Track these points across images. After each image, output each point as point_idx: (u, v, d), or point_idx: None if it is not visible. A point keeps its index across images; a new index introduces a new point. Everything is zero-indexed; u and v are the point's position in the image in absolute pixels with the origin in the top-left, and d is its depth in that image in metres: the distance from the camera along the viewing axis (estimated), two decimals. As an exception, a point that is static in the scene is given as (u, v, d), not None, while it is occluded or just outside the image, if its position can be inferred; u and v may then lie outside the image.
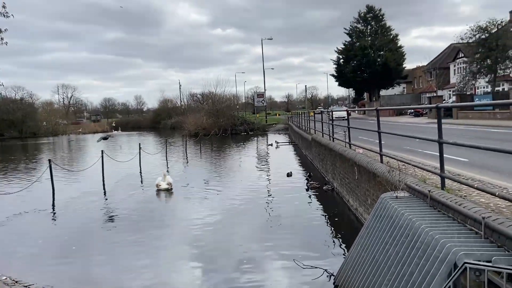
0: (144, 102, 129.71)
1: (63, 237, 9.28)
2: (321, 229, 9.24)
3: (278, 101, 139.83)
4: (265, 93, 69.42)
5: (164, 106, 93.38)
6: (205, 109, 55.63)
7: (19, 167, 24.47)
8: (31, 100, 78.96)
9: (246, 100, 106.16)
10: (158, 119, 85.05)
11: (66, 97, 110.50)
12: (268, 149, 29.71)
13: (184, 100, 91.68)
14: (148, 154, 23.39)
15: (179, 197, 13.70)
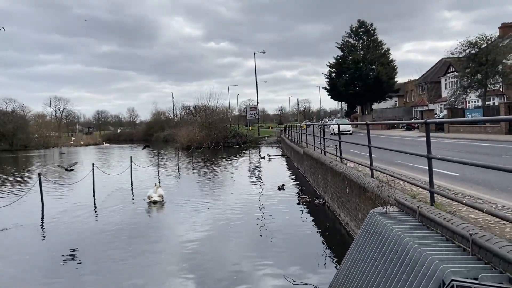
0: (137, 115, 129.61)
1: (51, 252, 9.10)
2: (312, 244, 9.18)
3: (271, 114, 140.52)
4: (258, 106, 69.65)
5: (157, 118, 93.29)
6: (198, 122, 55.62)
7: (7, 181, 24.11)
8: (23, 113, 78.50)
9: (239, 112, 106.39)
10: (151, 132, 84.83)
11: (59, 110, 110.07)
12: (261, 162, 29.67)
13: (177, 113, 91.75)
14: (139, 167, 23.23)
15: (171, 210, 13.58)
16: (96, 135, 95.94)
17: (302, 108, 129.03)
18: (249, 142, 52.09)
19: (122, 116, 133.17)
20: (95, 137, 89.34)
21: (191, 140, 48.79)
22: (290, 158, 29.01)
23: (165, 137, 71.81)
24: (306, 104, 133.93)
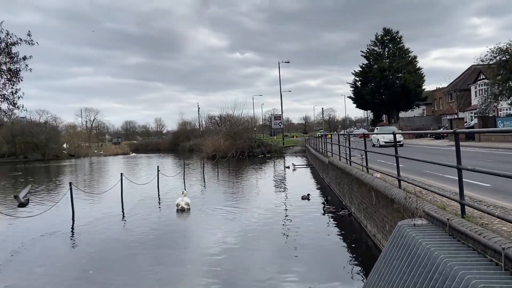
0: (163, 125, 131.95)
1: (81, 261, 9.33)
2: (338, 255, 9.07)
3: (295, 123, 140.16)
4: (283, 115, 69.66)
5: (183, 128, 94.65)
6: (223, 131, 56.10)
7: (41, 190, 24.98)
8: (55, 123, 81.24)
9: (264, 122, 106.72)
10: (177, 142, 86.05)
11: (89, 120, 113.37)
12: (285, 171, 29.59)
13: (202, 123, 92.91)
14: (166, 177, 23.60)
15: (196, 219, 13.76)
16: (124, 145, 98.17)
17: (327, 117, 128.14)
18: (274, 152, 52.08)
19: (149, 126, 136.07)
20: (124, 147, 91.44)
21: (216, 149, 49.23)
22: (315, 167, 28.81)
23: (191, 147, 72.71)
24: (331, 113, 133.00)
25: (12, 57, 13.95)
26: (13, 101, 14.01)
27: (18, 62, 14.08)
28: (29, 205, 16.31)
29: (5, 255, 9.85)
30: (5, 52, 13.71)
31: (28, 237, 11.56)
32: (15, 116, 20.14)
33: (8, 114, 15.69)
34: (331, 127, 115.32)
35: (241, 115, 59.31)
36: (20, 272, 8.69)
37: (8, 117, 17.44)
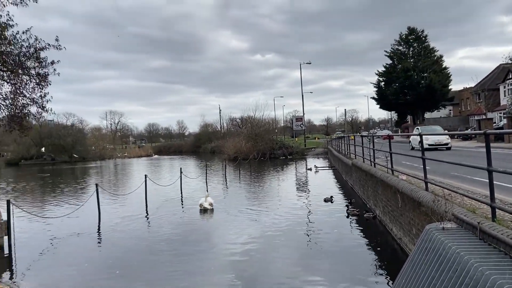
0: (185, 127, 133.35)
1: (108, 260, 9.51)
2: (362, 259, 8.93)
3: (317, 125, 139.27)
4: (304, 117, 69.35)
5: (204, 130, 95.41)
6: (244, 133, 56.25)
7: (68, 191, 25.66)
8: (81, 126, 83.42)
9: (285, 124, 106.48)
10: (199, 143, 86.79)
11: (114, 123, 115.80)
12: (307, 173, 29.42)
13: (223, 125, 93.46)
14: (188, 178, 23.83)
15: (219, 220, 13.85)
16: (147, 147, 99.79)
17: (349, 118, 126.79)
18: (295, 153, 51.85)
19: (172, 128, 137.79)
20: (147, 149, 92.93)
21: (237, 151, 49.41)
22: (337, 169, 28.52)
23: (213, 149, 73.21)
24: (353, 114, 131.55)
25: (41, 62, 14.28)
26: (42, 105, 14.37)
27: (46, 66, 14.41)
28: (58, 206, 16.73)
29: (35, 254, 10.13)
30: (34, 57, 14.05)
31: (56, 237, 11.88)
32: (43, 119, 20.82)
33: (37, 117, 16.14)
34: (353, 128, 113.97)
35: (262, 116, 59.41)
36: (49, 271, 8.94)
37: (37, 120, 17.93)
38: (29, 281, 8.12)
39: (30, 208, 17.04)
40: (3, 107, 14.47)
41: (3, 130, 15.81)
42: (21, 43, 13.62)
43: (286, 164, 40.83)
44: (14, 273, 8.85)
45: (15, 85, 14.16)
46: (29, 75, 14.09)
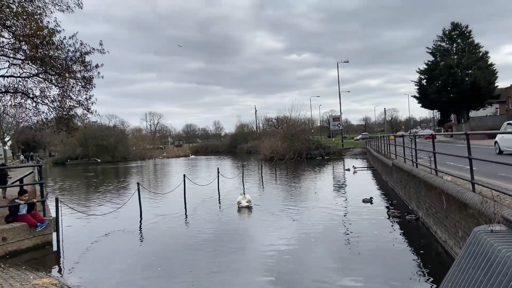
0: (222, 127, 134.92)
1: (151, 258, 9.74)
2: (404, 262, 8.65)
3: (354, 124, 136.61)
4: (341, 117, 68.30)
5: (240, 131, 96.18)
6: (280, 134, 56.15)
7: (112, 189, 26.64)
8: (123, 127, 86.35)
9: (321, 123, 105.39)
10: (235, 144, 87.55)
11: (153, 124, 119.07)
12: (345, 174, 28.94)
13: (259, 125, 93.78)
14: (226, 178, 24.07)
15: (257, 220, 13.93)
16: (185, 147, 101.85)
17: (389, 117, 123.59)
18: (333, 154, 51.17)
19: (208, 129, 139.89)
20: (185, 149, 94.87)
21: (273, 151, 49.40)
22: (377, 170, 27.86)
23: (249, 149, 73.61)
24: (393, 114, 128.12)
25: (86, 66, 14.94)
26: (87, 107, 15.05)
27: (91, 70, 15.06)
28: (102, 204, 17.39)
29: (81, 250, 10.57)
30: (79, 61, 14.71)
31: (101, 234, 12.33)
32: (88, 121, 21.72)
33: (83, 118, 16.90)
34: (393, 128, 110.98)
35: (298, 116, 59.11)
36: (95, 266, 9.29)
37: (82, 121, 18.72)
38: (76, 276, 8.46)
39: (75, 205, 17.81)
40: (51, 109, 15.26)
41: (51, 131, 16.66)
42: (67, 48, 14.33)
43: (323, 164, 40.38)
44: (62, 268, 9.26)
45: (62, 88, 14.90)
46: (75, 79, 14.78)
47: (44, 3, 14.15)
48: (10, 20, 13.02)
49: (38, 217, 10.75)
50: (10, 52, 14.10)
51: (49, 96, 14.98)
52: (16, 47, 13.78)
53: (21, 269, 8.54)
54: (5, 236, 9.75)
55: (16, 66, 14.38)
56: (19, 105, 15.57)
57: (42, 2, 14.15)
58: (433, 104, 59.96)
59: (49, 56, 13.61)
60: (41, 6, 14.06)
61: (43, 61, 13.57)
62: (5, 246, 9.71)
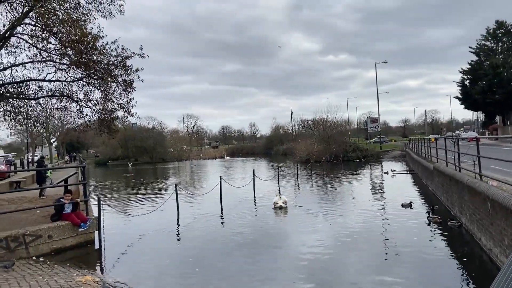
0: (257, 129, 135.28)
1: (188, 259, 9.90)
2: (446, 270, 8.32)
3: (393, 126, 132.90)
4: (379, 118, 66.74)
5: (276, 132, 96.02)
6: (316, 135, 55.61)
7: (151, 189, 27.37)
8: (161, 129, 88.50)
9: (358, 125, 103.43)
10: (271, 145, 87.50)
11: (190, 126, 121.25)
12: (383, 177, 28.23)
13: (295, 127, 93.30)
14: (261, 180, 24.10)
15: (292, 222, 13.91)
16: (221, 149, 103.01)
17: (429, 119, 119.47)
18: (370, 156, 50.11)
19: (244, 131, 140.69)
20: (221, 151, 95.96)
21: (309, 153, 48.99)
22: (417, 173, 26.98)
23: (284, 151, 73.38)
24: (433, 115, 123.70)
25: (127, 70, 15.41)
26: (128, 109, 15.54)
27: (131, 74, 15.52)
28: (141, 204, 17.88)
29: (120, 250, 10.89)
30: (121, 65, 15.20)
31: (140, 233, 12.67)
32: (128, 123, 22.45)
33: (123, 121, 17.47)
34: (434, 130, 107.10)
35: (335, 118, 58.34)
36: (135, 265, 9.55)
37: (122, 123, 19.32)
38: (117, 274, 8.74)
39: (116, 205, 18.42)
40: (94, 111, 15.87)
41: (94, 132, 17.32)
42: (110, 52, 14.84)
43: (360, 167, 39.61)
44: (103, 266, 9.59)
45: (104, 92, 15.46)
46: (116, 82, 15.28)
47: (88, 10, 14.77)
48: (57, 27, 13.67)
49: (81, 216, 11.20)
50: (57, 58, 14.80)
51: (92, 99, 15.59)
52: (62, 52, 14.45)
53: (65, 266, 8.93)
54: (50, 234, 10.22)
55: (62, 71, 15.09)
56: (65, 108, 16.31)
57: (86, 9, 14.77)
58: (477, 105, 57.43)
59: (92, 61, 14.15)
60: (85, 13, 14.67)
61: (87, 66, 14.14)
62: (50, 243, 10.18)
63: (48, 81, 15.07)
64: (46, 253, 9.89)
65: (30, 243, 9.69)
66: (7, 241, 9.29)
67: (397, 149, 55.65)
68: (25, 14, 13.81)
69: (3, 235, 9.34)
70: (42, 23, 13.73)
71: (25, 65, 15.04)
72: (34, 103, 16.06)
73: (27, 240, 9.63)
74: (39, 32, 14.37)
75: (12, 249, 9.34)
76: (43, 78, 15.00)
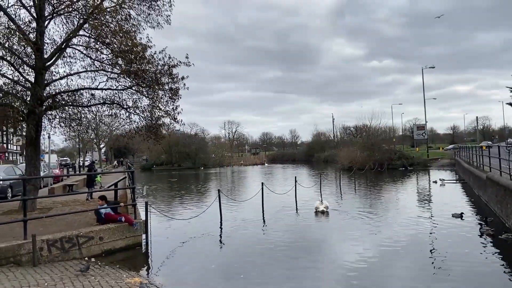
0: (298, 136, 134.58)
1: (233, 264, 9.97)
2: (499, 285, 7.85)
3: (441, 134, 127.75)
4: (426, 125, 64.34)
5: (317, 139, 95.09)
6: (359, 143, 54.48)
7: (193, 195, 27.92)
8: (203, 135, 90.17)
9: (404, 132, 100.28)
10: (312, 152, 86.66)
11: (231, 132, 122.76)
12: (431, 186, 27.14)
13: (337, 134, 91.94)
14: (302, 187, 23.91)
15: (335, 230, 13.78)
16: (262, 155, 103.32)
17: (480, 126, 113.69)
18: (417, 165, 48.39)
19: (284, 137, 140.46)
20: (261, 157, 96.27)
21: (352, 161, 48.05)
22: (468, 183, 25.73)
23: (326, 158, 72.45)
24: (485, 122, 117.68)
25: (173, 78, 15.85)
26: (174, 116, 15.95)
27: (177, 82, 15.95)
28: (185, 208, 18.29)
29: (167, 253, 11.14)
30: (167, 74, 15.67)
31: (185, 237, 12.93)
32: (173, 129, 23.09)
33: (170, 127, 17.96)
34: (485, 137, 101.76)
35: (379, 125, 56.92)
36: (180, 268, 9.77)
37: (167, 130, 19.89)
38: (163, 277, 8.95)
39: (161, 209, 18.93)
40: (142, 118, 16.44)
41: (141, 139, 17.94)
42: (157, 61, 15.36)
43: (406, 175, 38.32)
44: (150, 268, 9.85)
45: (152, 99, 15.98)
46: (163, 90, 15.76)
47: (138, 21, 15.40)
48: (109, 38, 14.37)
49: (128, 219, 11.60)
50: (108, 67, 15.52)
51: (140, 107, 16.17)
52: (114, 62, 15.14)
53: (115, 267, 9.28)
54: (102, 236, 10.68)
55: (112, 79, 15.79)
56: (115, 115, 17.02)
57: (136, 20, 15.42)
58: (534, 111, 53.98)
59: (141, 70, 14.70)
60: (135, 24, 15.32)
61: (136, 75, 14.71)
62: (101, 245, 10.63)
63: (100, 89, 15.81)
64: (97, 254, 10.32)
65: (83, 244, 10.16)
66: (62, 242, 9.80)
67: (446, 157, 53.38)
68: (80, 26, 14.64)
69: (58, 236, 9.86)
70: (96, 34, 14.48)
71: (79, 75, 15.88)
72: (87, 110, 16.91)
73: (80, 241, 10.11)
74: (92, 43, 15.15)
75: (66, 249, 9.83)
76: (96, 87, 15.75)
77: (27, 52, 14.58)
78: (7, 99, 14.54)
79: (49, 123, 16.45)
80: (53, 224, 11.45)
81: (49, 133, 20.93)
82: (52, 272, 8.32)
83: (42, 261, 9.18)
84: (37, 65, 14.26)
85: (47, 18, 14.60)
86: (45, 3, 14.27)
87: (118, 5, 14.56)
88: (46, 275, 8.08)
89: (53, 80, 15.66)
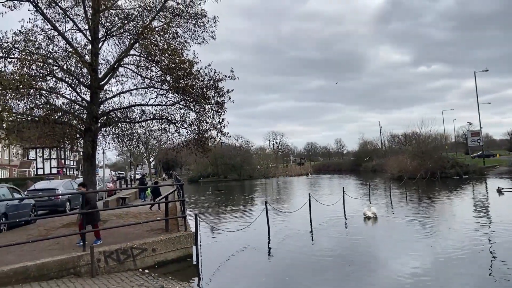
0: (344, 145, 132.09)
1: (284, 278, 9.87)
2: None
3: (497, 139, 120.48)
4: (481, 131, 60.97)
5: (364, 148, 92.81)
6: (409, 151, 52.56)
7: (240, 206, 28.10)
8: (248, 147, 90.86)
9: (456, 139, 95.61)
10: (358, 162, 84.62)
11: (276, 143, 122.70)
12: (489, 195, 25.56)
13: (384, 142, 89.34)
14: (350, 198, 23.37)
15: (386, 241, 13.26)
16: (307, 166, 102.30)
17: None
18: (472, 173, 45.84)
19: (330, 147, 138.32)
20: (306, 167, 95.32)
21: (401, 170, 46.36)
22: (530, 191, 23.98)
23: (374, 167, 70.47)
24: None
25: (219, 92, 16.17)
26: (220, 129, 16.23)
27: (223, 95, 16.24)
28: (232, 219, 18.40)
29: (216, 265, 11.20)
30: (213, 88, 16.01)
31: (234, 249, 12.97)
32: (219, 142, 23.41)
33: (216, 140, 18.29)
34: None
35: (429, 132, 54.69)
36: (231, 280, 9.81)
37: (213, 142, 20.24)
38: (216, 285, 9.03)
39: (209, 220, 19.18)
40: (189, 132, 16.86)
41: (189, 152, 18.37)
42: (203, 76, 15.75)
43: (461, 184, 36.40)
44: (201, 280, 9.96)
45: (199, 113, 16.38)
46: (209, 104, 16.12)
47: (185, 39, 15.95)
48: (158, 56, 14.96)
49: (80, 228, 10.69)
50: (158, 84, 16.14)
51: (188, 121, 16.61)
52: (162, 79, 15.73)
53: (167, 278, 9.48)
54: (154, 248, 10.96)
55: (162, 95, 16.38)
56: (164, 129, 17.61)
57: (182, 38, 15.97)
58: None
59: (188, 86, 15.14)
60: (182, 41, 15.87)
61: (184, 90, 15.18)
62: (154, 256, 10.91)
63: (151, 105, 16.44)
64: (150, 266, 10.59)
65: (137, 255, 10.48)
66: (117, 253, 10.17)
67: (504, 164, 50.21)
68: (131, 46, 15.37)
69: (114, 247, 10.24)
70: (146, 53, 15.13)
71: (131, 92, 16.63)
72: (138, 126, 17.62)
73: (134, 253, 10.44)
74: (143, 61, 15.83)
75: (122, 261, 10.18)
76: (146, 103, 16.40)
77: (83, 72, 15.50)
78: (66, 117, 15.46)
79: (103, 139, 17.32)
80: (109, 236, 11.91)
81: (103, 149, 22.01)
82: (109, 283, 8.64)
83: (100, 272, 9.56)
84: (92, 84, 15.08)
85: (101, 40, 15.47)
86: (99, 26, 15.13)
87: (166, 24, 15.17)
88: (104, 286, 8.40)
89: (107, 98, 16.50)
